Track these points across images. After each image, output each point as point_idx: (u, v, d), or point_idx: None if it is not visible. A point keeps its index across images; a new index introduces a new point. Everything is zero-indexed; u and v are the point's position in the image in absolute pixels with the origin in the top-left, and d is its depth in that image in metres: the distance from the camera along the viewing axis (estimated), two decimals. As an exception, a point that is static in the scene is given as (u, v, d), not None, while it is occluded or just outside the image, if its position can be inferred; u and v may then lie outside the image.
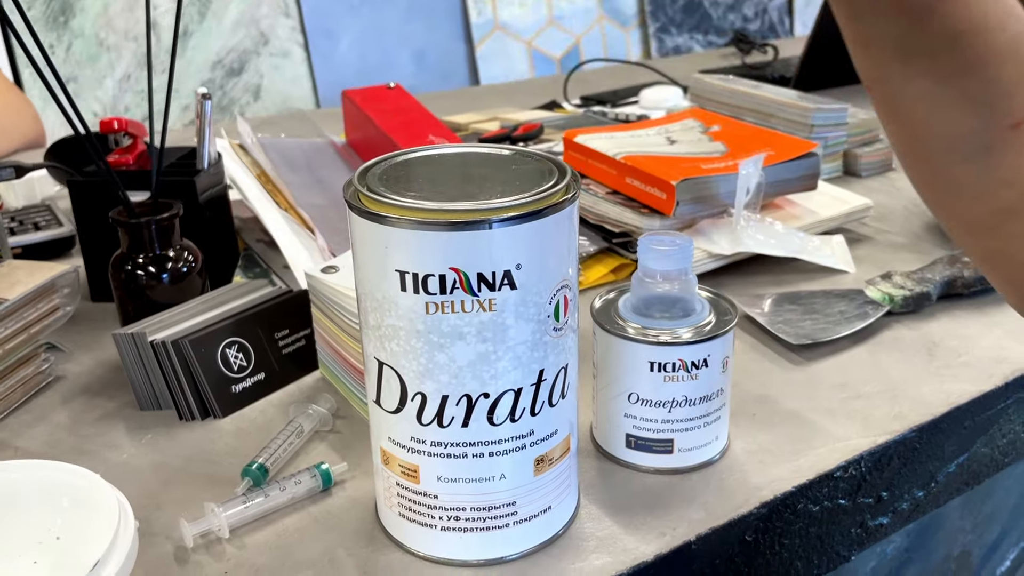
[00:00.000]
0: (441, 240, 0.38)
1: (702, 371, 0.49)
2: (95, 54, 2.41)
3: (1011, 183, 0.43)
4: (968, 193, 0.44)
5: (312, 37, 2.64)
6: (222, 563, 0.46)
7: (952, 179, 0.44)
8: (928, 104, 0.41)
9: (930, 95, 0.41)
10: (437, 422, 0.42)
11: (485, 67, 2.73)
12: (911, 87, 0.41)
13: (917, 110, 0.42)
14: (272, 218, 0.73)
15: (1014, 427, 0.63)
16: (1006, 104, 0.41)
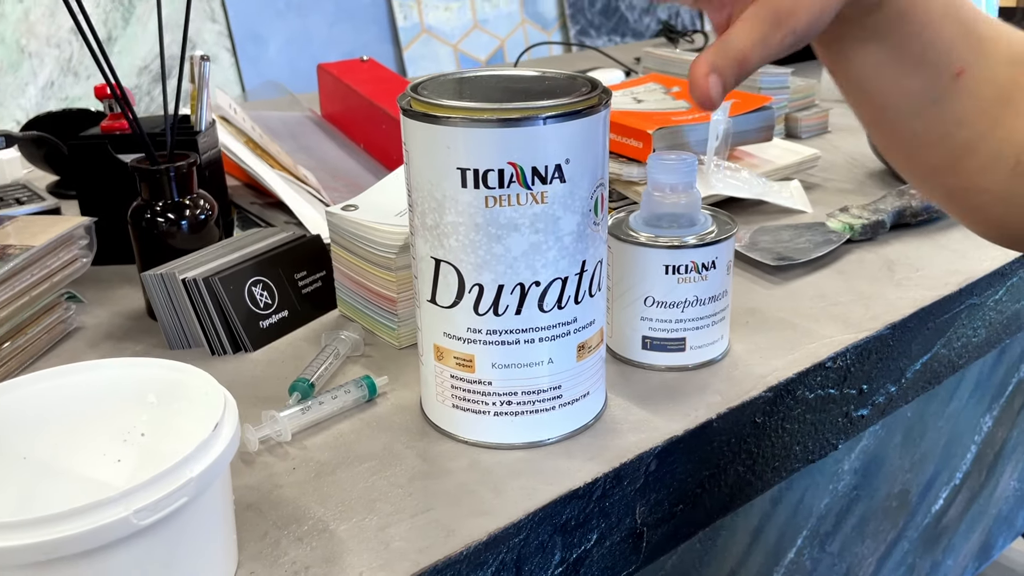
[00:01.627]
0: (498, 136, 0.43)
1: (711, 272, 0.55)
2: (16, 61, 2.36)
3: (961, 122, 0.50)
4: (927, 140, 0.51)
5: (239, 42, 2.64)
6: (287, 462, 0.49)
7: (912, 133, 0.51)
8: (884, 75, 0.48)
9: (885, 67, 0.48)
10: (493, 311, 0.46)
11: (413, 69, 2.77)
12: (869, 65, 0.48)
13: (876, 82, 0.49)
14: (271, 177, 0.76)
15: (966, 331, 0.71)
16: (947, 58, 0.48)
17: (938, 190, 0.55)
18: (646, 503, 0.50)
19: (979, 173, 0.52)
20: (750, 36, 0.40)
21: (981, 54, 0.49)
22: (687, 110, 0.85)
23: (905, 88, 0.49)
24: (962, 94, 0.49)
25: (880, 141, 0.54)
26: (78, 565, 0.33)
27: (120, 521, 0.33)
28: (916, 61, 0.48)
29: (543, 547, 0.45)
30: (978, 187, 0.52)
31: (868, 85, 0.50)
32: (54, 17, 2.42)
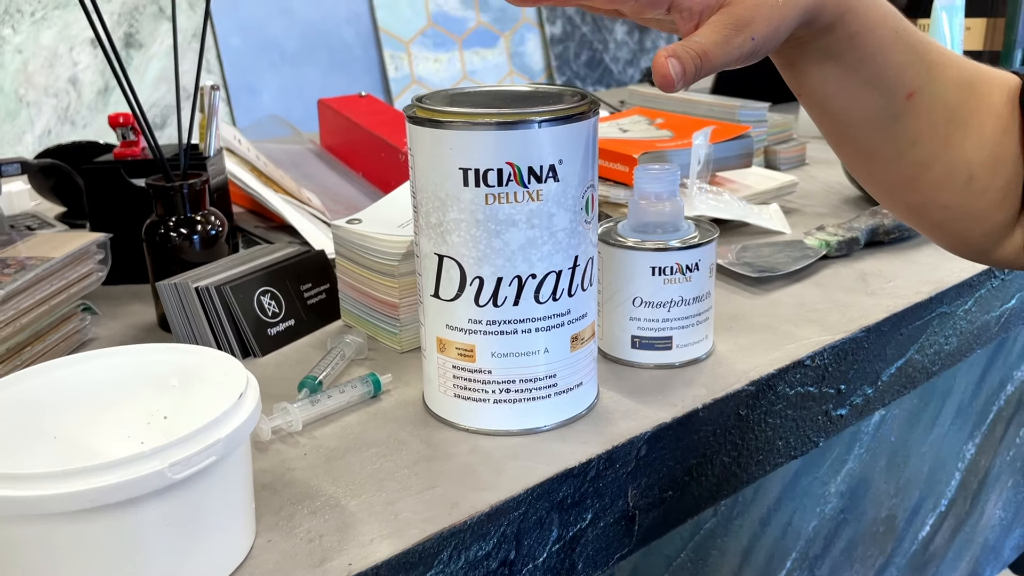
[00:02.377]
0: (497, 138, 0.46)
1: (695, 274, 0.58)
2: (14, 110, 2.41)
3: (917, 141, 0.55)
4: (886, 157, 0.56)
5: (234, 92, 2.70)
6: (299, 449, 0.52)
7: (872, 149, 0.55)
8: (843, 93, 0.53)
9: (843, 87, 0.53)
10: (493, 303, 0.50)
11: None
12: (829, 85, 0.53)
13: (836, 101, 0.54)
14: (276, 200, 0.80)
15: (938, 339, 0.75)
16: (899, 80, 0.53)
17: (901, 205, 0.59)
18: (637, 486, 0.53)
19: (935, 189, 0.56)
20: (712, 36, 0.45)
21: (930, 78, 0.54)
22: (671, 138, 0.89)
23: (862, 107, 0.54)
24: (915, 114, 0.54)
25: (845, 158, 0.58)
26: (114, 516, 0.36)
27: (156, 473, 0.36)
28: (870, 82, 0.53)
29: (541, 523, 0.48)
30: (936, 202, 0.57)
31: (828, 104, 0.54)
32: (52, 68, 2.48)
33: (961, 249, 0.62)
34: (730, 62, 0.45)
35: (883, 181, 0.58)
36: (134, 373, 0.46)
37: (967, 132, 0.55)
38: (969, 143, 0.55)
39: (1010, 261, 0.60)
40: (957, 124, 0.55)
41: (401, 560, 0.42)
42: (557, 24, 3.13)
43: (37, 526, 0.35)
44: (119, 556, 0.37)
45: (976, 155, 0.56)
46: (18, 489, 0.34)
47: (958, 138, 0.55)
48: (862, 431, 1.22)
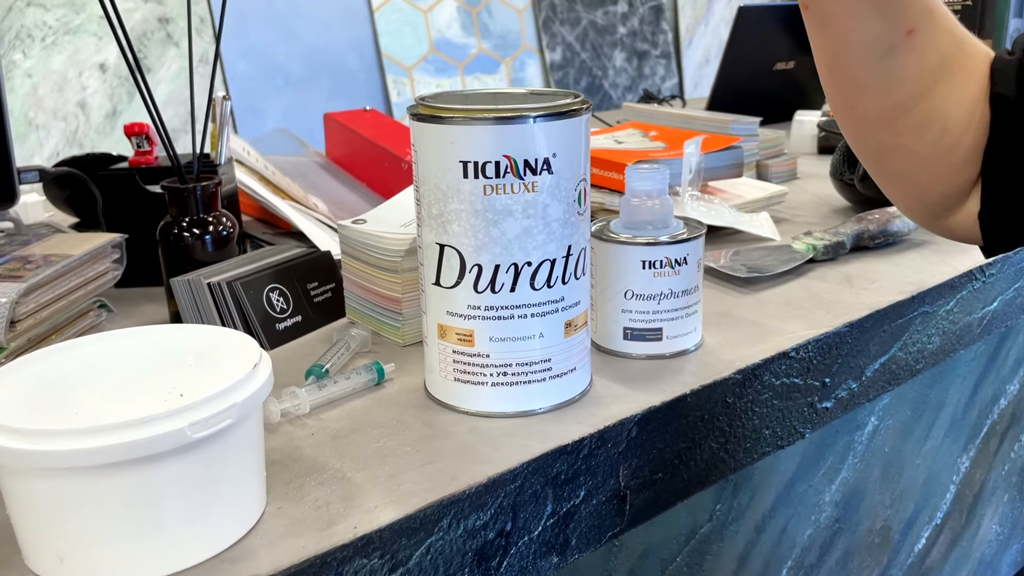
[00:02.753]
0: (495, 132, 0.50)
1: (683, 267, 0.61)
2: (24, 133, 2.46)
3: (904, 80, 0.56)
4: (871, 90, 0.57)
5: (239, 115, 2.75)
6: (306, 430, 0.54)
7: (860, 79, 0.57)
8: (847, 15, 0.54)
9: (849, 6, 0.54)
10: (490, 289, 0.53)
11: (406, 143, 2.88)
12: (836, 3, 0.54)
13: (839, 20, 0.55)
14: (284, 206, 0.83)
15: (921, 338, 0.77)
16: (903, 13, 0.54)
17: (872, 146, 0.60)
18: (628, 466, 0.56)
19: (910, 133, 0.57)
20: None
21: (931, 20, 0.55)
22: (664, 149, 0.93)
23: (863, 32, 0.55)
24: (910, 53, 0.55)
25: (832, 87, 0.59)
26: (137, 472, 0.38)
27: (177, 432, 0.38)
28: (875, 8, 0.54)
29: (536, 497, 0.51)
30: (907, 148, 0.58)
31: (832, 21, 0.55)
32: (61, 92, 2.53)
33: (915, 208, 0.63)
34: None
35: (863, 116, 0.59)
36: (153, 352, 0.49)
37: (952, 84, 0.56)
38: (951, 95, 0.56)
39: (958, 231, 0.61)
40: (945, 73, 0.56)
41: (403, 525, 0.45)
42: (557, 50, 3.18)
43: (65, 480, 0.38)
44: (142, 511, 0.39)
45: (954, 109, 0.57)
46: (48, 444, 0.37)
47: (942, 87, 0.56)
48: (856, 440, 1.24)
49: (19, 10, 2.49)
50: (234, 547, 0.43)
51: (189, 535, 0.41)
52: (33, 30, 2.50)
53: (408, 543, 0.45)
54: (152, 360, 0.48)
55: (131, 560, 0.40)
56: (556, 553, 0.53)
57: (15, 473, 0.39)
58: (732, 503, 1.04)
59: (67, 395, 0.44)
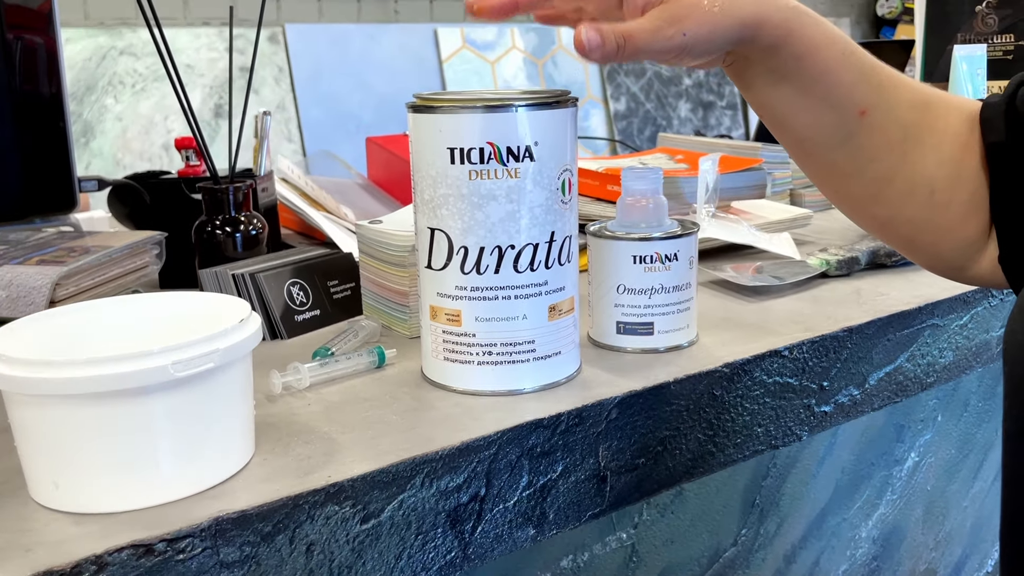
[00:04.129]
0: (479, 120, 0.53)
1: (674, 263, 0.63)
2: (112, 172, 2.62)
3: (875, 157, 0.57)
4: (848, 172, 0.58)
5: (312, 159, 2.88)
6: (304, 401, 0.58)
7: (833, 164, 0.58)
8: (798, 112, 0.56)
9: (797, 106, 0.56)
10: (476, 270, 0.56)
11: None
12: (784, 104, 0.56)
13: (793, 119, 0.57)
14: (317, 216, 0.88)
15: (931, 351, 0.77)
16: (850, 99, 0.56)
17: (869, 220, 0.61)
18: (608, 448, 0.57)
19: (899, 202, 0.58)
20: (642, 23, 0.50)
21: (881, 97, 0.57)
22: (685, 169, 0.95)
23: (818, 124, 0.56)
24: (869, 131, 0.56)
25: (810, 174, 0.61)
26: (129, 402, 0.43)
27: (160, 368, 0.42)
28: (822, 101, 0.56)
29: (511, 466, 0.53)
30: (902, 215, 0.59)
31: (786, 121, 0.58)
32: (148, 135, 2.69)
33: (937, 265, 0.64)
34: (658, 51, 0.50)
35: (848, 196, 0.60)
36: (166, 313, 0.53)
37: (924, 149, 0.57)
38: (928, 159, 0.57)
39: (987, 278, 0.61)
40: (913, 141, 0.57)
41: (376, 477, 0.48)
42: (621, 100, 3.24)
43: (61, 407, 0.42)
44: (130, 443, 0.43)
45: (936, 171, 0.57)
46: (45, 373, 0.41)
47: (916, 154, 0.57)
48: (894, 476, 1.22)
49: (112, 58, 2.67)
50: (216, 487, 0.46)
51: (173, 471, 0.45)
52: (124, 77, 2.68)
53: (380, 495, 0.48)
54: (164, 318, 0.53)
55: (119, 489, 0.44)
56: (533, 525, 0.55)
57: (18, 401, 0.43)
58: (759, 529, 1.03)
59: (81, 341, 0.49)
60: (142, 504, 0.44)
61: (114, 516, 0.44)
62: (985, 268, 0.60)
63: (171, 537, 0.42)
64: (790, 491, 1.04)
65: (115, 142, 2.64)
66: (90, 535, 0.42)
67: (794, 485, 1.04)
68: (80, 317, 0.51)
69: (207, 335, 0.44)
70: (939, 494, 1.30)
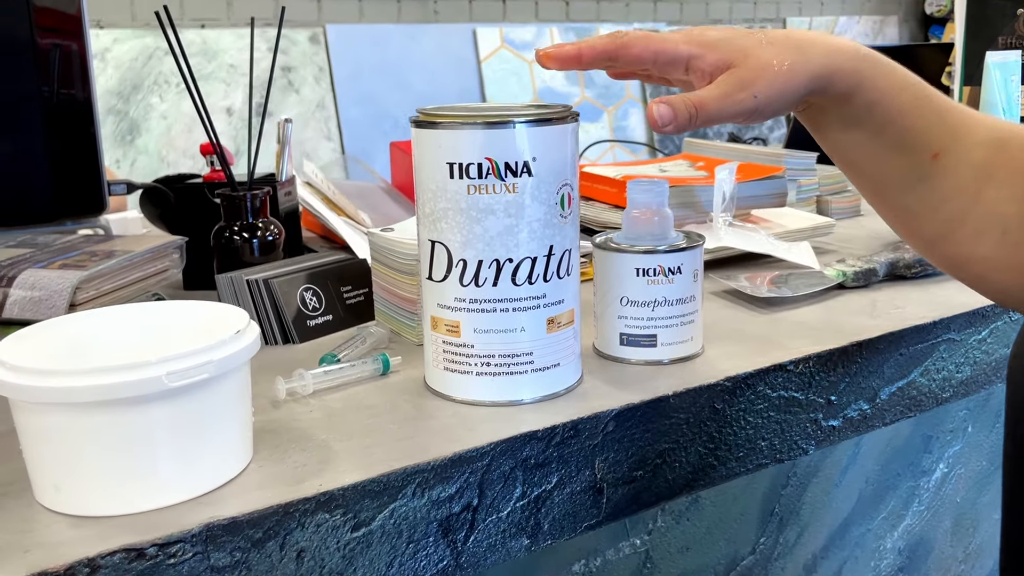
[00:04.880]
0: (478, 135, 0.54)
1: (677, 276, 0.64)
2: (156, 169, 2.68)
3: (948, 198, 0.58)
4: (920, 212, 0.59)
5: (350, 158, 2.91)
6: (306, 408, 0.59)
7: (906, 206, 0.59)
8: (870, 157, 0.57)
9: (870, 150, 0.57)
10: (474, 283, 0.57)
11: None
12: (857, 148, 0.58)
13: (865, 163, 0.58)
14: (336, 220, 0.90)
15: (947, 365, 0.76)
16: (923, 143, 0.57)
17: (941, 259, 0.61)
18: (605, 460, 0.58)
19: (971, 242, 0.58)
20: (712, 91, 0.52)
21: (955, 139, 0.57)
22: (704, 177, 0.95)
23: (891, 168, 0.57)
24: (942, 174, 0.57)
25: (882, 214, 0.62)
26: (127, 411, 0.44)
27: (155, 379, 0.44)
28: (895, 145, 0.56)
29: (505, 477, 0.54)
30: (975, 255, 0.59)
31: (859, 165, 0.59)
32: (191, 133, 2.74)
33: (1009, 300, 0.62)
34: (730, 115, 0.52)
35: (920, 235, 0.61)
36: (168, 321, 0.54)
37: (998, 187, 0.57)
38: (1001, 197, 0.57)
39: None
40: (986, 180, 0.57)
41: (366, 487, 0.49)
42: (661, 100, 3.22)
43: (62, 415, 0.44)
44: (133, 446, 0.45)
45: (1008, 208, 0.56)
46: (47, 382, 0.43)
47: (988, 194, 0.57)
48: (921, 487, 1.20)
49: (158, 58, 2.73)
50: (212, 492, 0.48)
51: (170, 477, 0.46)
52: (169, 76, 2.73)
53: (371, 504, 0.49)
54: (167, 327, 0.54)
55: (117, 494, 0.45)
56: (527, 536, 0.56)
57: (22, 408, 0.45)
58: (778, 538, 1.03)
59: (85, 350, 0.51)
60: (139, 508, 0.46)
61: (112, 520, 0.45)
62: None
63: (162, 542, 0.43)
64: (811, 500, 1.03)
65: (160, 139, 2.70)
66: (86, 538, 0.43)
67: (815, 494, 1.04)
68: (86, 325, 0.52)
69: (203, 346, 0.46)
70: (969, 506, 1.28)
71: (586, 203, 0.98)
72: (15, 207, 0.86)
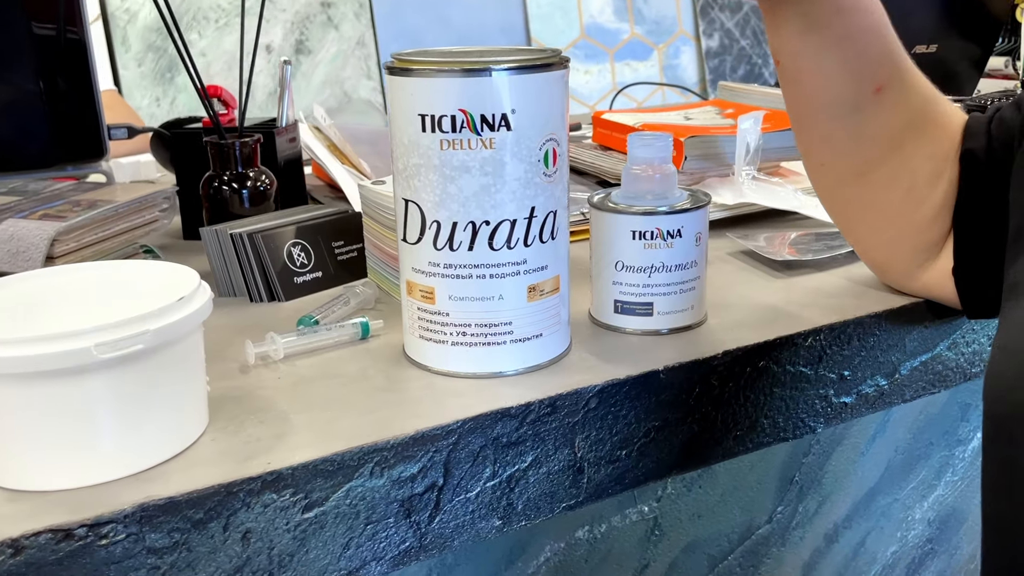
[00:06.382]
0: (451, 85, 0.49)
1: (677, 240, 0.59)
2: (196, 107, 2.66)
3: (872, 136, 0.57)
4: (840, 146, 0.58)
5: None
6: (276, 373, 0.56)
7: (829, 134, 0.58)
8: (815, 70, 0.56)
9: (817, 63, 0.56)
10: (449, 246, 0.52)
11: (551, 128, 2.88)
12: (805, 57, 0.56)
13: (808, 76, 0.57)
14: (335, 167, 0.86)
15: (978, 338, 0.70)
16: (871, 72, 0.55)
17: (840, 202, 0.62)
18: (586, 439, 0.54)
19: (877, 188, 0.59)
20: None
21: (901, 79, 0.57)
22: (730, 126, 0.89)
23: (831, 88, 0.56)
24: (878, 111, 0.56)
25: (803, 142, 0.61)
26: (62, 383, 0.41)
27: (83, 350, 0.41)
28: (844, 64, 0.55)
29: (474, 456, 0.50)
30: (874, 203, 0.60)
31: (800, 76, 0.57)
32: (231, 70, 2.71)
33: (889, 266, 0.64)
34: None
35: (831, 171, 0.60)
36: (121, 281, 0.51)
37: (922, 140, 0.58)
38: (920, 151, 0.58)
39: (935, 289, 0.62)
40: (914, 130, 0.58)
41: (318, 466, 0.46)
42: (714, 37, 3.09)
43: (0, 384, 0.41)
44: (69, 419, 0.42)
45: (922, 165, 0.58)
46: (-27, 351, 0.41)
47: (911, 144, 0.58)
48: (956, 456, 1.15)
49: (197, -6, 2.69)
50: (152, 469, 0.45)
51: (109, 452, 0.44)
52: (208, 12, 2.70)
53: (325, 484, 0.46)
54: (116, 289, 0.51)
55: (55, 469, 0.43)
56: (499, 516, 0.52)
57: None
58: (797, 507, 0.98)
59: (25, 315, 0.48)
60: (78, 484, 0.44)
61: (49, 496, 0.43)
62: (935, 280, 0.62)
63: (92, 522, 0.41)
64: (834, 469, 0.99)
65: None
66: (17, 515, 0.41)
67: (839, 463, 0.99)
68: (34, 286, 0.50)
69: (137, 315, 0.43)
70: (1008, 477, 1.22)
71: (603, 152, 0.93)
72: (10, 152, 0.84)
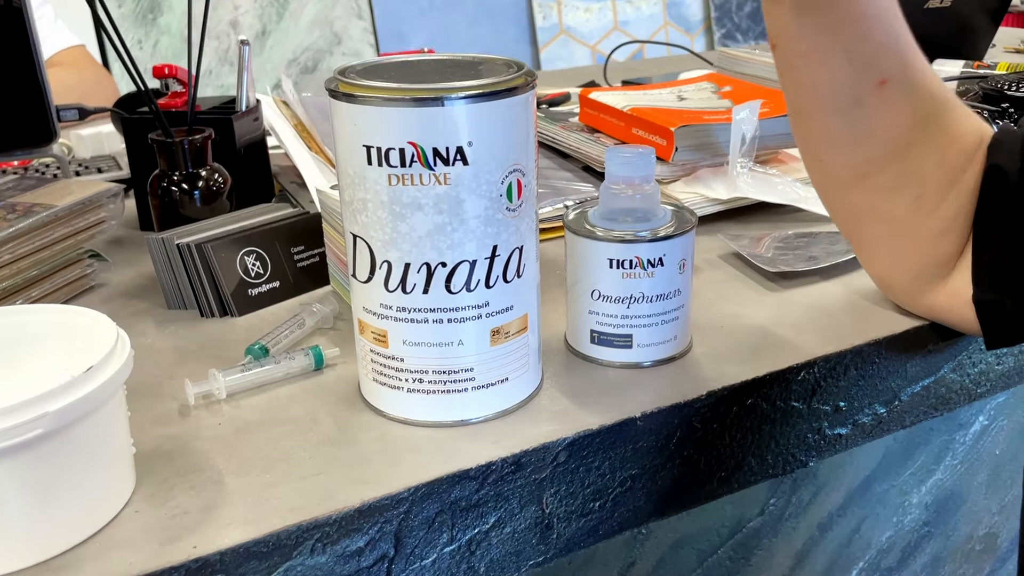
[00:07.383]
0: (400, 115, 0.43)
1: (658, 269, 0.53)
2: (180, 50, 2.56)
3: (875, 134, 0.52)
4: (839, 143, 0.53)
5: (383, 38, 2.75)
6: (217, 418, 0.52)
7: (828, 130, 0.53)
8: (814, 56, 0.51)
9: (816, 49, 0.50)
10: (401, 289, 0.47)
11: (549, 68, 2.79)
12: (803, 42, 0.50)
13: (805, 64, 0.51)
14: (300, 155, 0.80)
15: (985, 357, 0.65)
16: (875, 62, 0.50)
17: (843, 208, 0.57)
18: (556, 494, 0.50)
19: (881, 194, 0.54)
20: None
21: (906, 74, 0.51)
22: (727, 110, 0.82)
23: (831, 77, 0.51)
24: (881, 107, 0.51)
25: (798, 134, 0.55)
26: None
27: (-28, 441, 0.36)
28: (845, 51, 0.50)
29: (429, 523, 0.46)
30: (879, 210, 0.55)
31: (799, 64, 0.52)
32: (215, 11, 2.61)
33: (894, 281, 0.59)
34: None
35: (833, 172, 0.55)
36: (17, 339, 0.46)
37: (931, 146, 0.53)
38: (929, 158, 0.53)
39: (942, 311, 0.57)
40: (922, 133, 0.52)
41: (251, 548, 0.42)
42: (720, -27, 2.97)
43: None
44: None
45: (932, 173, 0.53)
46: None
47: (919, 149, 0.52)
48: (956, 441, 1.11)
49: (178, -72, 2.57)
50: (66, 553, 0.41)
51: (17, 539, 0.39)
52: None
53: (260, 566, 0.42)
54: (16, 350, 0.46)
55: (-48, 560, 0.39)
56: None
57: None
58: (790, 498, 0.95)
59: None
60: (-21, 575, 0.39)
61: (-52, 588, 0.39)
62: (942, 301, 0.57)
63: (-10, 631, 0.37)
64: (829, 459, 0.95)
65: (182, 19, 2.57)
66: (-92, 618, 0.37)
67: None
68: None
69: (32, 397, 0.38)
70: (1009, 458, 1.19)
71: (591, 136, 0.86)
72: (-53, 139, 0.78)
